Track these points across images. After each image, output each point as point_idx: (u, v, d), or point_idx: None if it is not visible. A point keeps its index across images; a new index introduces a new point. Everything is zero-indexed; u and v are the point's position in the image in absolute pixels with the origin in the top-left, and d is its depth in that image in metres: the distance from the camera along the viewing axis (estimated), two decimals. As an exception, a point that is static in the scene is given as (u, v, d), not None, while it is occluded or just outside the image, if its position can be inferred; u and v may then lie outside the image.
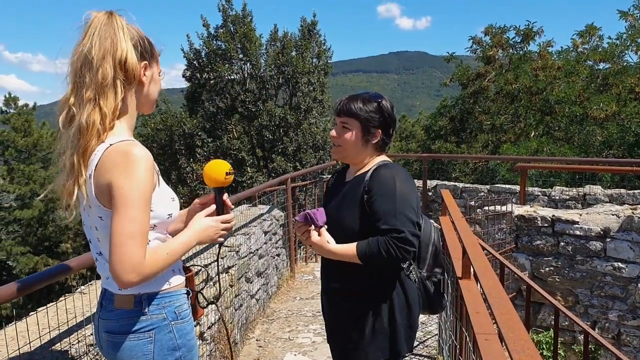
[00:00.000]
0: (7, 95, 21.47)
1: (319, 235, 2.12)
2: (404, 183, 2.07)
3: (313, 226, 2.12)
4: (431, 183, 9.27)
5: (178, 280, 1.75)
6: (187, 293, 1.79)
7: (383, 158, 2.24)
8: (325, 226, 2.14)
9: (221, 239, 1.79)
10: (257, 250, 5.47)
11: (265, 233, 5.87)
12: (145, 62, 1.67)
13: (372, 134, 2.17)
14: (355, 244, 2.05)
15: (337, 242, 2.10)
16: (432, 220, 2.43)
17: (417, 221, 2.04)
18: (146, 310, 1.64)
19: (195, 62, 18.92)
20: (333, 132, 2.22)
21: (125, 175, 1.49)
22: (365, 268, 2.06)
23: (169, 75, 1.70)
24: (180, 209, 1.83)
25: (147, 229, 1.52)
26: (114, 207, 1.49)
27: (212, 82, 18.76)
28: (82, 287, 3.13)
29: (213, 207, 1.79)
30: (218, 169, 1.79)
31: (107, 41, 1.56)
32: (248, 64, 18.64)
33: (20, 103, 21.47)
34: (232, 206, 1.86)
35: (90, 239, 1.68)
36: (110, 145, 1.54)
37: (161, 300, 1.68)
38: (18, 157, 20.87)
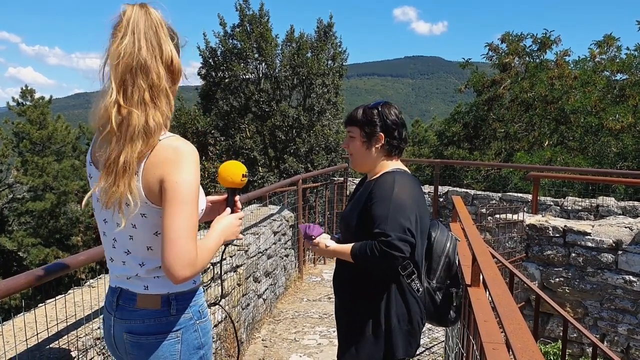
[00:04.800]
0: (24, 88, 21.65)
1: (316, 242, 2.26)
2: (404, 189, 2.10)
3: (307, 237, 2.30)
4: (442, 189, 9.22)
5: (199, 278, 1.74)
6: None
7: (397, 164, 2.27)
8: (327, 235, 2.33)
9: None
10: (266, 250, 5.48)
11: (275, 233, 5.87)
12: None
13: (374, 138, 2.23)
14: (352, 244, 2.12)
15: (346, 243, 2.17)
16: (452, 232, 2.43)
17: (409, 227, 2.02)
18: (174, 310, 1.63)
19: (210, 60, 19.02)
20: (343, 144, 2.35)
21: (179, 171, 1.48)
22: (367, 272, 2.14)
23: (184, 72, 1.69)
24: None
25: (197, 224, 1.52)
26: (167, 202, 1.47)
27: (226, 80, 18.87)
28: (91, 281, 3.15)
29: (229, 209, 1.79)
30: (235, 171, 1.79)
31: (152, 41, 1.52)
32: (263, 64, 18.72)
33: (37, 95, 21.64)
34: (241, 206, 1.87)
35: (117, 238, 1.62)
36: (159, 141, 1.52)
37: (188, 300, 1.67)
38: (32, 149, 21.03)
